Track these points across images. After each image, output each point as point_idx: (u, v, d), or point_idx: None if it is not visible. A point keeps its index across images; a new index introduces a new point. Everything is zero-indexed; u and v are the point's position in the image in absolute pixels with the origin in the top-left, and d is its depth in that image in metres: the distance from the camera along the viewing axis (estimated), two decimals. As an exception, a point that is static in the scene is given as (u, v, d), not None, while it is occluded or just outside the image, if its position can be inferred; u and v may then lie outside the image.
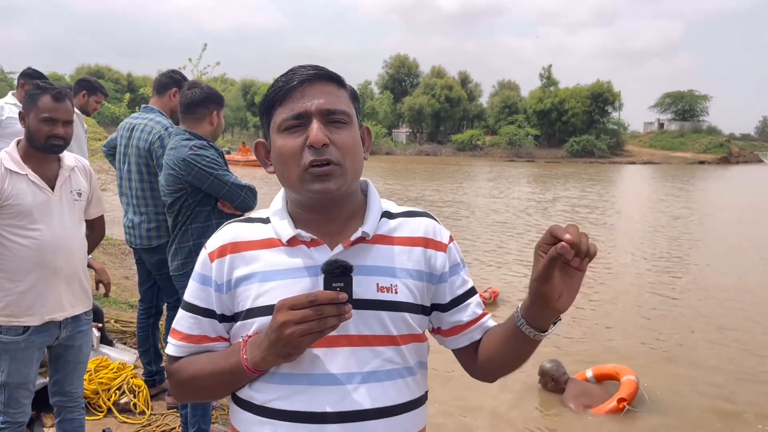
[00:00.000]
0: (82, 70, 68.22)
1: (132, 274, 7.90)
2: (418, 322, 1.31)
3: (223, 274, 1.29)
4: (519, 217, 17.02)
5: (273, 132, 1.28)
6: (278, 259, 1.28)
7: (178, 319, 1.35)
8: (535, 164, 50.78)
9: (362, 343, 1.25)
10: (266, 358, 1.18)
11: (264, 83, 76.72)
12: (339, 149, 1.23)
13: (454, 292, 1.37)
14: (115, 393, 3.92)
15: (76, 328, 2.79)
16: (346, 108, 1.27)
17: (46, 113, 2.59)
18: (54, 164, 2.71)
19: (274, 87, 1.28)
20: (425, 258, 1.33)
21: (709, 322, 7.75)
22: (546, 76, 69.47)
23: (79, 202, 2.76)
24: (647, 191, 27.83)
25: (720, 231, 15.67)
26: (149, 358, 4.15)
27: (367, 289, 1.25)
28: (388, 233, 1.33)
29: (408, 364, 1.30)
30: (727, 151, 62.79)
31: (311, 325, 1.10)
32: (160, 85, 4.05)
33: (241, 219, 1.39)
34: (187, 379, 1.32)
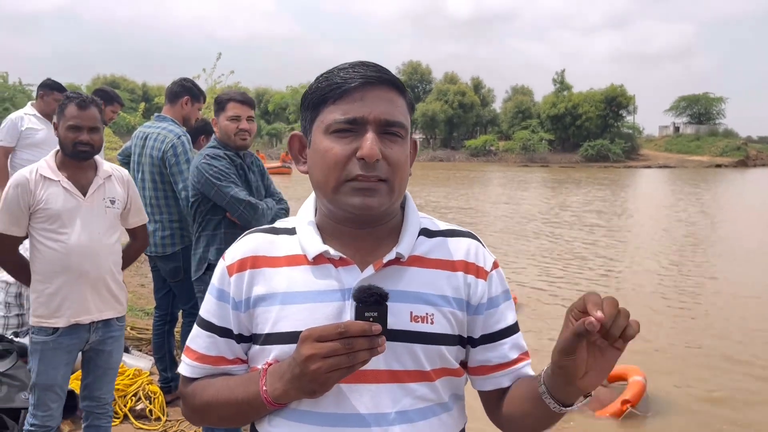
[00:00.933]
0: (98, 80, 69.10)
1: (147, 281, 7.97)
2: (454, 354, 1.18)
3: (242, 291, 1.18)
4: (530, 222, 16.97)
5: (317, 130, 1.14)
6: (302, 278, 1.15)
7: (193, 336, 1.25)
8: (549, 169, 50.61)
9: (392, 379, 1.12)
10: (288, 392, 1.06)
11: (277, 91, 77.42)
12: (390, 165, 1.11)
13: (488, 327, 1.22)
14: (131, 399, 3.96)
15: (107, 333, 2.84)
16: (405, 121, 1.15)
17: (71, 121, 2.68)
18: (89, 172, 2.80)
19: (329, 81, 1.13)
20: (464, 284, 1.19)
21: (729, 325, 7.68)
22: (559, 80, 69.32)
23: (112, 209, 2.83)
24: (663, 195, 27.61)
25: (738, 235, 15.50)
26: (165, 364, 4.19)
27: (399, 318, 1.12)
28: (425, 254, 1.19)
29: (442, 400, 1.18)
30: (744, 154, 62.16)
31: (340, 359, 0.99)
32: (172, 94, 4.11)
33: (266, 228, 1.26)
34: (201, 405, 1.21)
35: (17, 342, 4.00)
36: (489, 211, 19.61)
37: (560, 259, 11.83)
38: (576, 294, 9.03)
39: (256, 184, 3.31)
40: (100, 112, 2.78)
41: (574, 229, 15.79)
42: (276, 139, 68.46)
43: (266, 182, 3.40)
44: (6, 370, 3.69)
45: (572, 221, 17.40)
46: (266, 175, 3.42)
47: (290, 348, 1.07)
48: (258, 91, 77.31)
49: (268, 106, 74.20)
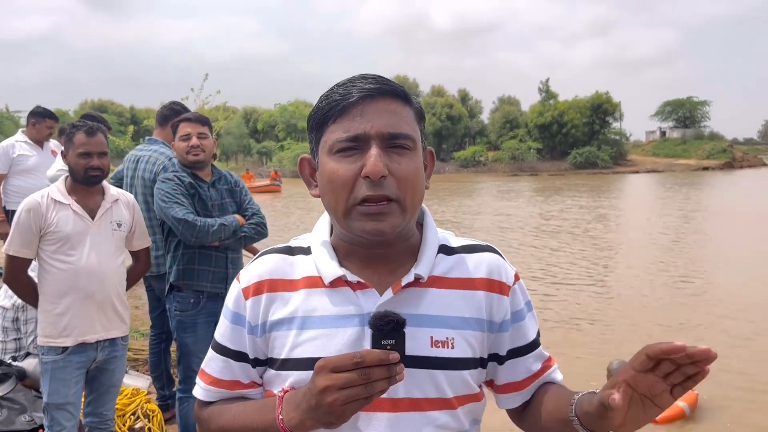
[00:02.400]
0: (86, 105, 69.01)
1: (141, 303, 7.99)
2: (476, 378, 1.15)
3: (258, 316, 1.15)
4: (515, 231, 17.07)
5: (322, 151, 1.10)
6: (319, 303, 1.12)
7: (208, 360, 1.23)
8: (538, 177, 50.86)
9: (412, 407, 1.08)
10: (305, 422, 1.02)
11: (265, 110, 77.48)
12: (398, 181, 1.05)
13: (515, 341, 1.19)
14: (130, 418, 4.00)
15: (112, 352, 2.95)
16: (411, 131, 1.09)
17: (81, 148, 2.82)
18: (98, 196, 2.94)
19: (328, 99, 1.09)
20: (486, 303, 1.16)
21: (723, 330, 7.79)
22: (545, 89, 69.87)
23: (118, 232, 2.95)
24: (652, 200, 27.82)
25: (729, 236, 15.67)
26: (162, 382, 4.24)
27: (419, 343, 1.08)
28: (445, 274, 1.15)
29: (463, 427, 1.14)
30: (730, 156, 62.81)
31: (357, 390, 0.94)
32: (162, 117, 4.21)
33: (280, 248, 1.22)
34: (217, 429, 1.19)
35: (15, 366, 4.04)
36: (474, 224, 19.69)
37: (552, 266, 11.92)
38: (567, 302, 9.13)
39: (219, 201, 3.35)
40: (106, 138, 2.92)
41: (565, 237, 15.90)
42: (266, 157, 68.47)
43: (240, 198, 3.44)
44: (6, 393, 3.74)
45: (562, 229, 17.51)
46: (240, 192, 3.46)
47: (307, 374, 1.03)
48: (246, 110, 77.41)
49: (257, 125, 74.25)
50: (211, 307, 3.31)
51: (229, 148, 67.05)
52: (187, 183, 3.28)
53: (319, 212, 1.24)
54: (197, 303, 3.30)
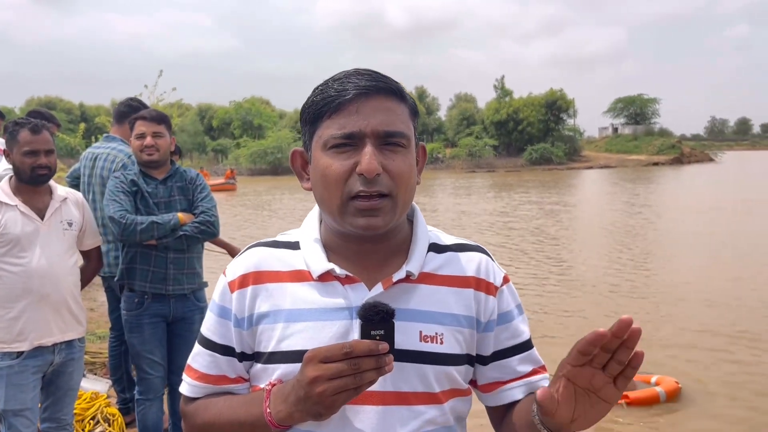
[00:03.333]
0: (33, 101, 66.98)
1: (97, 305, 7.81)
2: (463, 375, 1.16)
3: (245, 308, 1.14)
4: (476, 225, 17.27)
5: (316, 146, 1.10)
6: (308, 296, 1.12)
7: (194, 355, 1.21)
8: (495, 174, 51.51)
9: (399, 401, 1.08)
10: (293, 415, 1.01)
11: (220, 106, 76.44)
12: (392, 178, 1.06)
13: (500, 343, 1.19)
14: (89, 423, 3.90)
15: (69, 354, 2.86)
16: (406, 129, 1.09)
17: (27, 146, 2.71)
18: (45, 196, 2.83)
19: (323, 94, 1.08)
20: (475, 302, 1.16)
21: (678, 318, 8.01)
22: (500, 87, 70.79)
23: (69, 231, 2.86)
24: (605, 194, 28.49)
25: (677, 227, 16.14)
26: (123, 385, 4.15)
27: (408, 338, 1.08)
28: (435, 271, 1.16)
29: (449, 423, 1.14)
30: (679, 152, 64.79)
31: (346, 381, 0.94)
32: (119, 114, 4.10)
33: (267, 242, 1.21)
34: (202, 425, 1.17)
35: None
36: (438, 219, 19.84)
37: (510, 259, 12.08)
38: (528, 293, 9.26)
39: (167, 199, 3.28)
40: (52, 135, 2.82)
41: (519, 232, 16.15)
42: (221, 155, 67.54)
43: (192, 195, 3.37)
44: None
45: (516, 224, 17.77)
46: (195, 189, 3.38)
47: (295, 367, 1.03)
48: (201, 107, 76.22)
49: (212, 122, 73.16)
50: (156, 308, 3.27)
51: (184, 146, 65.81)
52: (130, 180, 3.22)
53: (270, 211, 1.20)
54: (141, 303, 3.26)
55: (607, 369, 0.91)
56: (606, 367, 0.91)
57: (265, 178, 50.91)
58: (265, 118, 70.50)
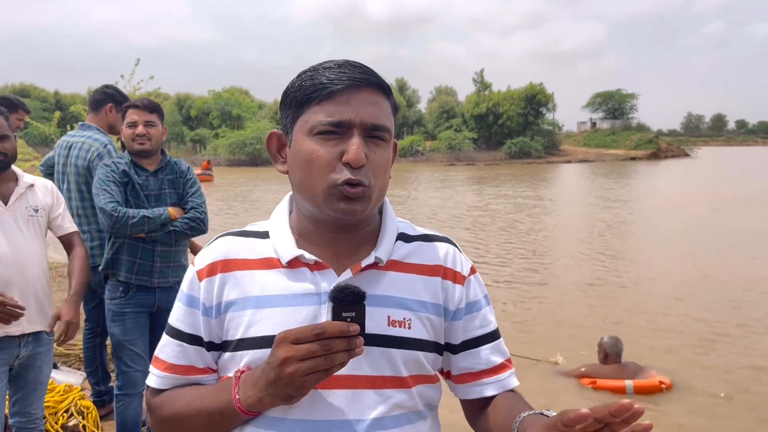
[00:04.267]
0: (6, 89, 65.61)
1: (72, 296, 7.70)
2: (431, 361, 1.17)
3: (213, 297, 1.15)
4: (455, 218, 17.33)
5: (300, 130, 1.11)
6: (276, 282, 1.12)
7: (162, 346, 1.20)
8: (475, 167, 51.64)
9: (368, 384, 1.10)
10: (263, 399, 1.02)
11: (199, 96, 75.58)
12: (372, 169, 1.10)
13: (468, 332, 1.20)
14: (62, 416, 3.84)
15: (37, 347, 2.79)
16: (389, 124, 1.14)
17: None
18: (10, 183, 2.76)
19: (314, 81, 1.10)
20: (442, 290, 1.18)
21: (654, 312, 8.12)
22: (479, 80, 70.83)
23: (35, 218, 2.78)
24: (583, 188, 28.73)
25: (652, 221, 16.34)
26: (97, 378, 4.10)
27: (377, 322, 1.10)
28: (403, 259, 1.18)
29: (418, 408, 1.15)
30: (656, 147, 65.43)
31: (317, 362, 0.95)
32: (95, 102, 4.03)
33: (236, 232, 1.22)
34: (169, 416, 1.16)
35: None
36: (419, 210, 19.86)
37: (488, 253, 12.14)
38: (508, 290, 9.32)
39: (157, 191, 3.24)
40: (6, 120, 2.72)
41: (497, 225, 16.23)
42: (200, 145, 66.85)
43: (183, 189, 3.32)
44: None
45: (494, 218, 17.86)
46: (185, 183, 3.34)
47: (263, 353, 1.05)
48: (179, 96, 75.23)
49: (190, 112, 72.33)
50: (140, 298, 3.24)
51: (162, 136, 64.91)
52: (121, 171, 3.16)
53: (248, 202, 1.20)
54: (126, 292, 3.23)
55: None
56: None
57: (244, 168, 50.53)
58: (244, 109, 69.84)
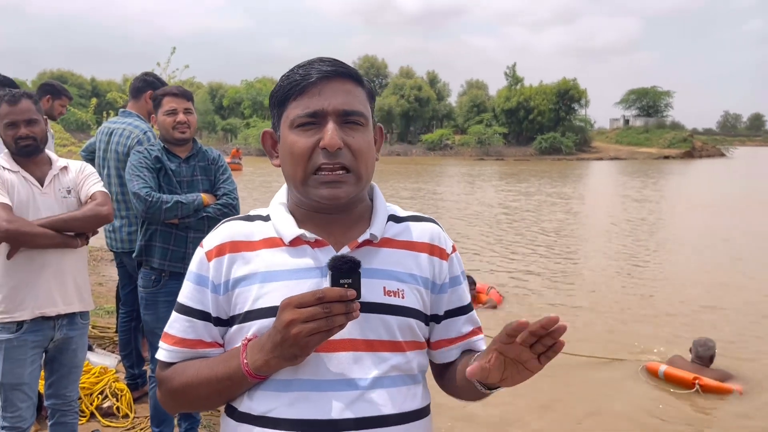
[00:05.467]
0: (45, 75, 66.88)
1: (105, 280, 7.84)
2: (421, 330, 1.28)
3: (221, 275, 1.23)
4: (491, 214, 17.23)
5: (284, 126, 1.22)
6: (280, 259, 1.22)
7: (171, 322, 1.28)
8: (504, 162, 51.28)
9: (367, 348, 1.19)
10: (270, 362, 1.11)
11: (231, 86, 76.21)
12: (353, 153, 1.18)
13: (451, 303, 1.33)
14: (97, 397, 3.92)
15: (72, 330, 2.82)
16: (363, 109, 1.22)
17: (6, 118, 2.65)
18: (44, 166, 2.79)
19: (290, 79, 1.21)
20: (431, 265, 1.29)
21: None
22: (511, 74, 70.17)
23: (68, 199, 2.80)
24: (615, 186, 28.33)
25: (684, 224, 16.04)
26: (131, 361, 4.16)
27: (374, 292, 1.20)
28: (395, 236, 1.29)
29: (413, 371, 1.26)
30: (690, 146, 64.18)
31: (319, 323, 1.05)
32: (135, 89, 4.08)
33: (240, 217, 1.32)
34: (179, 386, 1.23)
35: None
36: (449, 207, 19.80)
37: (522, 253, 12.06)
38: (546, 284, 9.25)
39: (189, 178, 3.25)
40: (36, 104, 2.73)
41: (528, 224, 16.10)
42: (231, 134, 67.48)
43: (214, 176, 3.33)
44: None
45: (525, 216, 17.71)
46: (217, 170, 3.34)
47: (270, 322, 1.13)
48: (212, 86, 75.94)
49: (222, 102, 72.99)
50: (172, 285, 3.22)
51: (194, 124, 65.52)
52: (154, 157, 3.18)
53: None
54: (158, 280, 3.23)
55: (533, 348, 1.05)
56: (533, 347, 1.05)
57: (274, 159, 50.75)
58: (275, 99, 70.15)
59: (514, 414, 5.06)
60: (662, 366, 5.75)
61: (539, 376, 1.15)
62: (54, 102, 4.99)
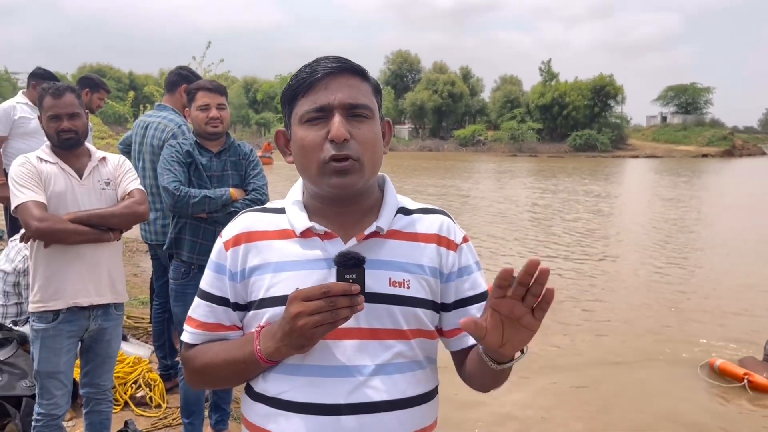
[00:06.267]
0: (84, 69, 68.26)
1: (140, 271, 7.98)
2: (429, 318, 1.31)
3: (238, 263, 1.31)
4: (521, 213, 17.07)
5: (294, 122, 1.28)
6: (292, 250, 1.28)
7: (194, 306, 1.38)
8: (537, 159, 50.75)
9: (372, 336, 1.25)
10: (279, 349, 1.19)
11: (265, 80, 76.85)
12: (360, 144, 1.23)
13: (460, 293, 1.35)
14: (131, 387, 3.99)
15: (106, 321, 2.87)
16: (369, 102, 1.27)
17: (50, 111, 2.70)
18: (84, 158, 2.83)
19: (297, 78, 1.27)
20: (438, 255, 1.33)
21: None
22: (546, 70, 69.40)
23: (107, 191, 2.84)
24: (651, 186, 27.82)
25: (725, 225, 15.67)
26: (164, 352, 4.21)
27: (379, 283, 1.25)
28: (403, 228, 1.33)
29: (417, 358, 1.30)
30: (730, 144, 62.69)
31: (324, 316, 1.11)
32: (171, 83, 4.13)
33: (257, 208, 1.39)
34: (201, 366, 1.33)
35: (16, 330, 4.01)
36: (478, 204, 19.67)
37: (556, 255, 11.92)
38: (579, 282, 9.13)
39: (219, 172, 3.26)
40: (78, 98, 2.78)
41: (561, 223, 15.90)
42: (264, 128, 68.03)
43: (245, 171, 3.35)
44: (6, 358, 3.70)
45: (558, 215, 17.50)
46: (248, 165, 3.36)
47: (281, 310, 1.19)
48: (246, 80, 76.69)
49: (256, 96, 73.62)
50: (200, 278, 3.23)
51: (228, 118, 66.18)
52: (185, 151, 3.20)
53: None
54: (187, 273, 3.27)
55: (525, 301, 1.08)
56: (524, 300, 1.08)
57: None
58: (308, 93, 70.52)
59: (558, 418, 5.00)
60: (717, 360, 5.81)
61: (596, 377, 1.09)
62: (93, 95, 5.09)
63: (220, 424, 3.56)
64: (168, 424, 3.78)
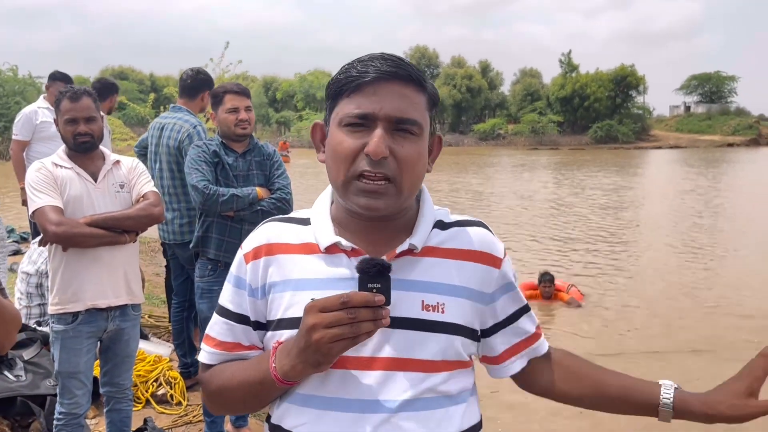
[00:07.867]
0: (107, 71, 69.02)
1: (162, 270, 8.05)
2: (465, 346, 1.18)
3: (258, 278, 1.20)
4: (535, 211, 16.94)
5: (333, 121, 1.14)
6: (315, 266, 1.17)
7: (212, 324, 1.27)
8: (559, 152, 50.29)
9: (400, 367, 1.11)
10: (295, 367, 1.06)
11: (285, 79, 77.07)
12: (399, 162, 1.09)
13: (506, 310, 1.25)
14: (152, 385, 4.05)
15: (124, 321, 2.91)
16: (419, 117, 1.12)
17: (67, 114, 2.74)
18: (98, 161, 2.88)
19: (346, 74, 1.13)
20: (477, 274, 1.20)
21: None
22: (566, 62, 68.61)
23: (122, 194, 2.88)
24: (676, 177, 27.44)
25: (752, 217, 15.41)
26: (184, 350, 4.27)
27: (410, 306, 1.12)
28: (439, 245, 1.20)
29: (450, 393, 1.16)
30: (756, 133, 61.37)
31: (343, 329, 0.98)
32: (192, 89, 4.27)
33: (281, 218, 1.28)
34: (216, 389, 1.22)
35: (40, 331, 4.09)
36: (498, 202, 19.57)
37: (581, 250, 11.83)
38: (600, 279, 9.06)
39: (245, 172, 3.32)
40: (95, 102, 2.81)
41: (585, 218, 15.77)
42: (284, 127, 68.29)
43: (269, 171, 3.40)
44: (31, 358, 3.79)
45: (582, 211, 17.35)
46: (272, 165, 3.42)
47: None
48: (266, 79, 76.97)
49: (276, 95, 73.91)
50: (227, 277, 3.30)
51: (248, 118, 66.49)
52: (212, 151, 3.26)
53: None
54: (214, 270, 3.32)
55: None
56: None
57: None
58: (327, 91, 70.67)
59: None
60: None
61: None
62: (113, 97, 5.17)
63: (240, 420, 3.61)
64: (189, 421, 3.84)
